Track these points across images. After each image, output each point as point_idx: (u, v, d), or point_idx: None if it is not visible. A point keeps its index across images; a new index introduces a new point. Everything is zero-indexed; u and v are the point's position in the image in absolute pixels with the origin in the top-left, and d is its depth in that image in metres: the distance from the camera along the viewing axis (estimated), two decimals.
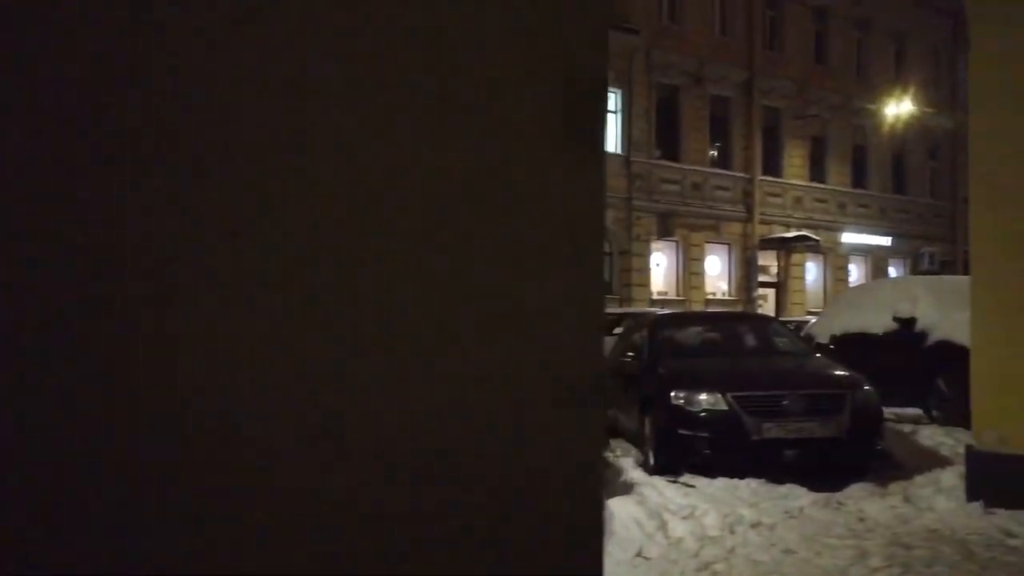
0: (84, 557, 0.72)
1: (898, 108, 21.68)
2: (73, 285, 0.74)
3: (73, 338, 0.74)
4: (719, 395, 5.38)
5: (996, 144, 4.54)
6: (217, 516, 0.76)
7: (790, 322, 16.87)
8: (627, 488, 5.13)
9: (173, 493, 0.75)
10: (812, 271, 24.16)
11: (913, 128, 23.50)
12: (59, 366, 0.73)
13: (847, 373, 5.77)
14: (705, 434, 5.34)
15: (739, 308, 22.47)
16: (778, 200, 23.13)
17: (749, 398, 5.33)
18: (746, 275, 22.55)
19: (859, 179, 24.98)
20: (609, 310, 16.69)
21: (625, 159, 20.02)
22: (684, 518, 4.23)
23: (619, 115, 20.09)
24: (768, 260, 23.29)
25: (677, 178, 21.12)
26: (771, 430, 5.22)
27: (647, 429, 5.91)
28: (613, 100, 20.01)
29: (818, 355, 6.61)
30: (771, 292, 23.51)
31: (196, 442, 0.76)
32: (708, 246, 22.04)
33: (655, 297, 20.83)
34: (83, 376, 0.73)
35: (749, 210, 22.37)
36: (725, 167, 22.26)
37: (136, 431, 0.75)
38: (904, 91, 21.91)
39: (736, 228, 22.33)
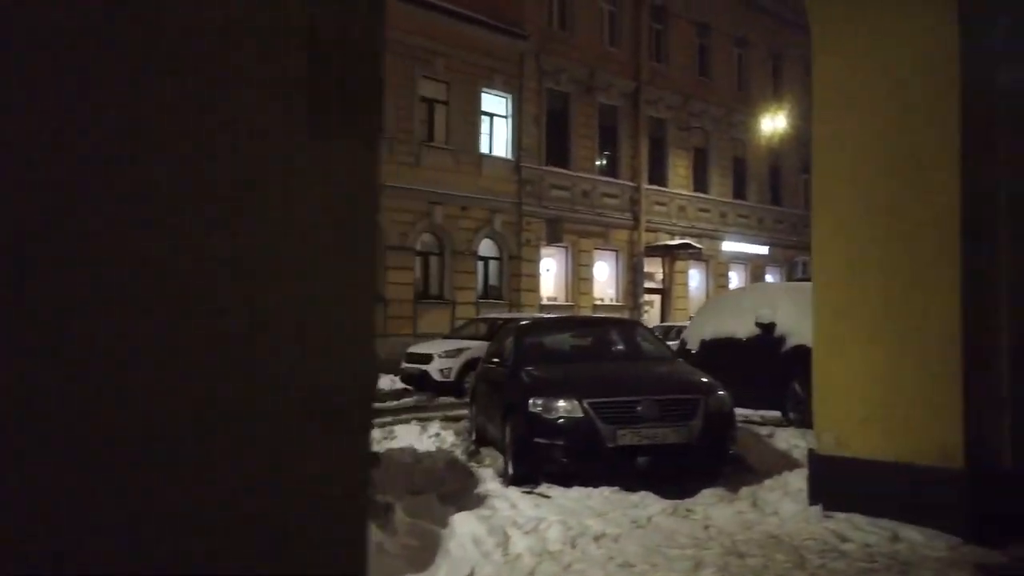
0: None
1: (774, 123, 22.75)
2: None
3: None
4: (575, 402, 5.25)
5: (833, 155, 4.63)
6: None
7: (673, 327, 17.31)
8: (479, 501, 4.93)
9: None
10: (695, 278, 25.00)
11: (788, 143, 24.72)
12: None
13: (702, 378, 5.79)
14: (561, 442, 5.21)
15: (626, 314, 22.93)
16: (663, 208, 23.79)
17: (604, 404, 5.23)
18: (633, 281, 23.04)
19: (739, 190, 26.10)
20: (500, 315, 16.57)
21: (515, 164, 20.02)
22: (527, 532, 4.05)
23: (510, 120, 20.07)
24: (654, 267, 23.91)
25: (567, 184, 21.32)
26: (625, 437, 5.14)
27: (507, 438, 5.74)
28: (504, 104, 19.99)
29: (679, 360, 6.63)
30: (657, 298, 24.15)
31: None
32: (597, 252, 22.37)
33: (545, 302, 20.95)
34: None
35: (636, 218, 22.88)
36: (613, 175, 22.67)
37: None
38: (780, 107, 23.02)
39: (623, 235, 22.78)
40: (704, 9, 24.35)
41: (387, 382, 14.82)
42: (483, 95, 19.38)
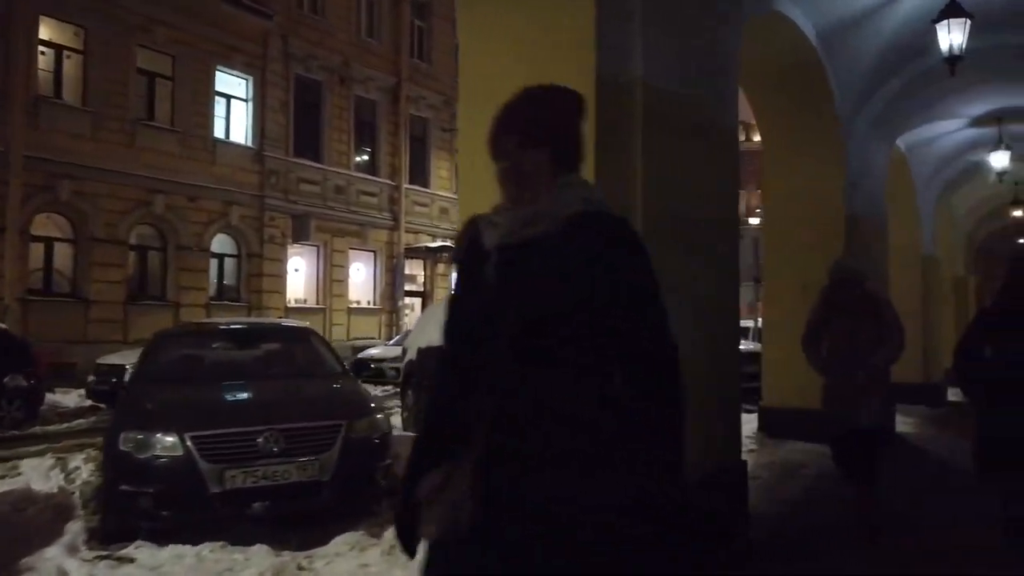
0: None
1: None
2: None
3: None
4: (176, 437, 4.14)
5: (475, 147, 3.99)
6: None
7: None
8: None
9: None
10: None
11: None
12: None
13: (353, 401, 4.93)
14: (150, 489, 4.06)
15: (384, 317, 22.02)
16: (425, 210, 23.20)
17: (212, 439, 4.19)
18: (392, 283, 22.16)
19: None
20: (237, 320, 14.78)
21: (257, 153, 18.24)
22: None
23: (251, 104, 18.25)
24: (415, 269, 23.23)
25: (318, 179, 19.90)
26: (236, 479, 4.12)
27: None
28: (243, 87, 18.13)
29: (347, 376, 5.72)
30: (418, 301, 23.48)
31: None
32: (353, 252, 21.18)
33: (292, 304, 19.36)
34: None
35: (396, 218, 22.04)
36: (372, 172, 21.64)
37: None
38: None
39: (382, 235, 21.83)
40: None
41: (74, 399, 12.49)
42: (218, 74, 17.41)
